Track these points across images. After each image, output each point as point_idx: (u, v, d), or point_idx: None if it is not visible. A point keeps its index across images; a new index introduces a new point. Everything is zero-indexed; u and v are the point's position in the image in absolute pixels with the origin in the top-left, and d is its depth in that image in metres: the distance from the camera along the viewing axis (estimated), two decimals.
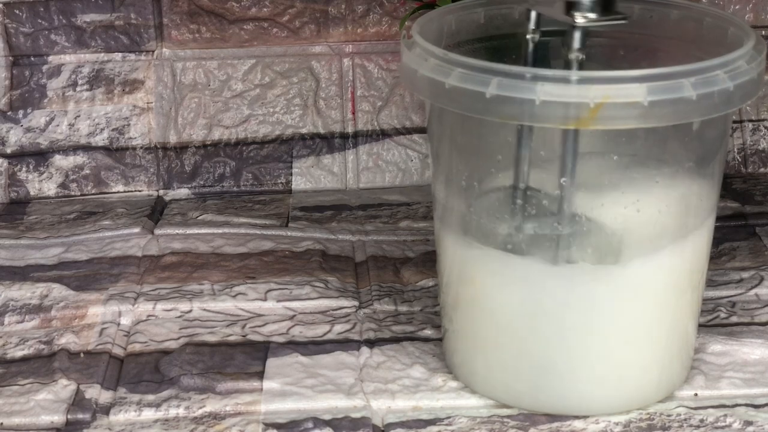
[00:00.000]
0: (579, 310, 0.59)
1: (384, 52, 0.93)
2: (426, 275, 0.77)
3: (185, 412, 0.63)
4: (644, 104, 0.53)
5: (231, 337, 0.70)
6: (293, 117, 0.93)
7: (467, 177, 0.60)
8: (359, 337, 0.69)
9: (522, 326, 0.60)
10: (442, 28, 0.63)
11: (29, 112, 0.92)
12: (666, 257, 0.59)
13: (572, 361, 0.60)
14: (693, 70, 0.54)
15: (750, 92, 0.56)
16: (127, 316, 0.73)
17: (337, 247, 0.82)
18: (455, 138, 0.60)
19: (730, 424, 0.60)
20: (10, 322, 0.72)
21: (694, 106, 0.54)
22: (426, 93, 0.58)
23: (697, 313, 0.63)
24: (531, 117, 0.54)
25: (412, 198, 0.90)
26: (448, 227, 0.62)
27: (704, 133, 0.58)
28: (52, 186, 0.92)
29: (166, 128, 0.92)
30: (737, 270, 0.77)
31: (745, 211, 0.86)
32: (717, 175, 0.60)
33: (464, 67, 0.56)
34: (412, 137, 0.93)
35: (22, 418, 0.62)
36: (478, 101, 0.55)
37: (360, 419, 0.62)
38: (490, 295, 0.60)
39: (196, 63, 0.92)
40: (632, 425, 0.60)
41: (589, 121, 0.53)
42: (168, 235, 0.84)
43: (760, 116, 0.94)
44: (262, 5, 0.92)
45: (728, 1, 0.93)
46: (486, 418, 0.62)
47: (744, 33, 0.60)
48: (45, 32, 0.91)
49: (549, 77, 0.54)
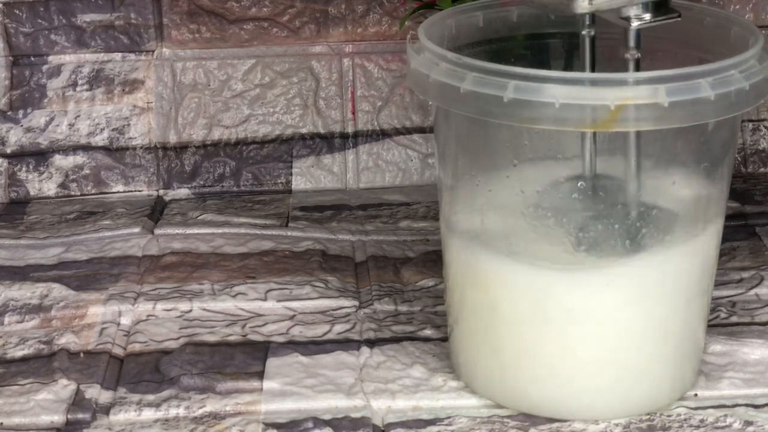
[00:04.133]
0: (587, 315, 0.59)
1: (384, 52, 0.93)
2: (426, 275, 0.77)
3: (185, 412, 0.63)
4: (664, 105, 0.53)
5: (231, 337, 0.70)
6: (293, 117, 0.93)
7: (474, 177, 0.60)
8: (359, 337, 0.69)
9: (529, 330, 0.60)
10: (443, 32, 0.63)
11: (29, 112, 0.92)
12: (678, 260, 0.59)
13: (579, 367, 0.60)
14: (710, 71, 0.54)
15: (763, 91, 0.56)
16: (127, 316, 0.73)
17: (337, 247, 0.82)
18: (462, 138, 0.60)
19: (730, 425, 0.60)
20: (10, 322, 0.72)
21: (712, 107, 0.54)
22: (438, 98, 0.57)
23: (706, 319, 0.63)
24: (550, 120, 0.54)
25: (412, 198, 0.90)
26: (454, 229, 0.62)
27: (717, 134, 0.58)
28: (52, 186, 0.92)
29: (166, 128, 0.92)
30: (737, 270, 0.77)
31: (745, 211, 0.86)
32: (726, 177, 0.60)
33: (479, 71, 0.55)
34: (412, 137, 0.93)
35: (22, 418, 0.62)
36: (495, 105, 0.54)
37: (360, 419, 0.62)
38: (496, 297, 0.60)
39: (196, 63, 0.92)
40: (632, 426, 0.60)
41: (610, 124, 0.53)
42: (168, 235, 0.84)
43: (760, 116, 0.94)
44: (262, 5, 0.92)
45: (728, 1, 0.93)
46: (486, 418, 0.61)
47: (749, 32, 0.60)
48: (45, 32, 0.91)
49: (568, 80, 0.53)
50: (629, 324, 0.59)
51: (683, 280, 0.60)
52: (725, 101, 0.54)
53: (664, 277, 0.59)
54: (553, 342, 0.59)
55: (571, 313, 0.59)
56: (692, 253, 0.59)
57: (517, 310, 0.60)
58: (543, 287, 0.59)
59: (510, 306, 0.60)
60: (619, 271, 0.58)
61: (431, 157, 0.93)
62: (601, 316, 0.59)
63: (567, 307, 0.59)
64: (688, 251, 0.59)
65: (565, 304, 0.58)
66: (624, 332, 0.60)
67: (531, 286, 0.59)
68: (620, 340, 0.60)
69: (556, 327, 0.59)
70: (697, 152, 0.58)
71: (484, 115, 0.55)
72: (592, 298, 0.58)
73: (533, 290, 0.59)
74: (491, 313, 0.61)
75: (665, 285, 0.59)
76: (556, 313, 0.59)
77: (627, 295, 0.59)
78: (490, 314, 0.61)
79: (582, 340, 0.59)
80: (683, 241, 0.59)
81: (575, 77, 0.54)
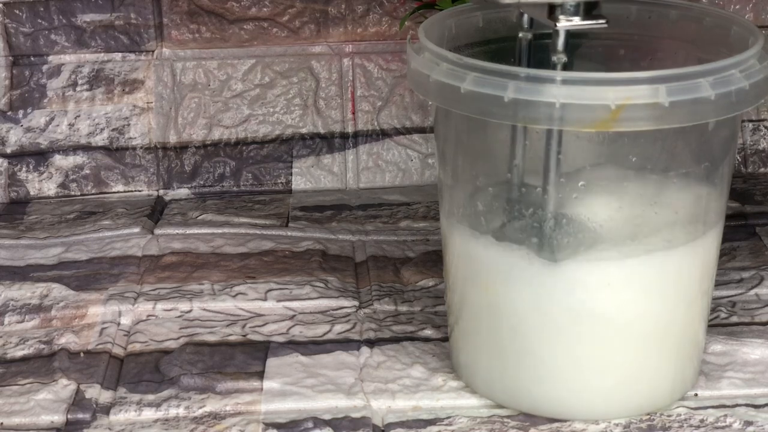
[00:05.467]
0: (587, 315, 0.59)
1: (384, 52, 0.93)
2: (426, 275, 0.77)
3: (185, 411, 0.63)
4: (665, 105, 0.53)
5: (231, 337, 0.70)
6: (293, 117, 0.93)
7: (474, 176, 0.60)
8: (359, 337, 0.69)
9: (529, 330, 0.60)
10: (443, 33, 0.63)
11: (29, 112, 0.92)
12: (679, 261, 0.59)
13: (581, 368, 0.60)
14: (710, 70, 0.54)
15: (763, 91, 0.56)
16: (127, 315, 0.73)
17: (337, 247, 0.82)
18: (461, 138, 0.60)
19: (731, 425, 0.60)
20: (10, 321, 0.72)
21: (712, 106, 0.54)
22: (438, 98, 0.57)
23: (707, 319, 0.63)
24: (551, 120, 0.54)
25: (412, 198, 0.90)
26: (455, 227, 0.62)
27: (718, 134, 0.58)
28: (52, 186, 0.92)
29: (166, 128, 0.92)
30: (737, 270, 0.77)
31: (745, 211, 0.86)
32: (727, 177, 0.60)
33: (480, 71, 0.55)
34: (412, 137, 0.93)
35: (22, 418, 0.62)
36: (495, 105, 0.54)
37: (360, 419, 0.62)
38: (496, 297, 0.60)
39: (196, 63, 0.92)
40: (632, 426, 0.60)
41: (611, 123, 0.53)
42: (168, 235, 0.84)
43: (760, 116, 0.94)
44: (262, 5, 0.92)
45: (728, 1, 0.93)
46: (486, 418, 0.62)
47: (749, 32, 0.60)
48: (45, 32, 0.91)
49: (568, 80, 0.53)
50: (629, 324, 0.59)
51: (684, 279, 0.60)
52: (726, 101, 0.54)
53: (664, 277, 0.59)
54: (554, 342, 0.59)
55: (571, 313, 0.59)
56: (692, 253, 0.59)
57: (518, 310, 0.60)
58: (543, 287, 0.59)
59: (510, 306, 0.60)
60: (619, 272, 0.58)
61: (431, 157, 0.93)
62: (601, 316, 0.59)
63: (567, 307, 0.59)
64: (688, 251, 0.59)
65: (565, 304, 0.58)
66: (624, 332, 0.60)
67: (531, 286, 0.59)
68: (620, 340, 0.60)
69: (556, 327, 0.59)
70: (697, 152, 0.58)
71: (485, 115, 0.55)
72: (592, 298, 0.58)
73: (533, 290, 0.59)
74: (491, 313, 0.61)
75: (666, 285, 0.59)
76: (556, 313, 0.59)
77: (627, 295, 0.59)
78: (490, 314, 0.61)
79: (582, 340, 0.59)
80: (683, 241, 0.59)
81: (576, 77, 0.54)
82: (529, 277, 0.59)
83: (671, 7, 0.65)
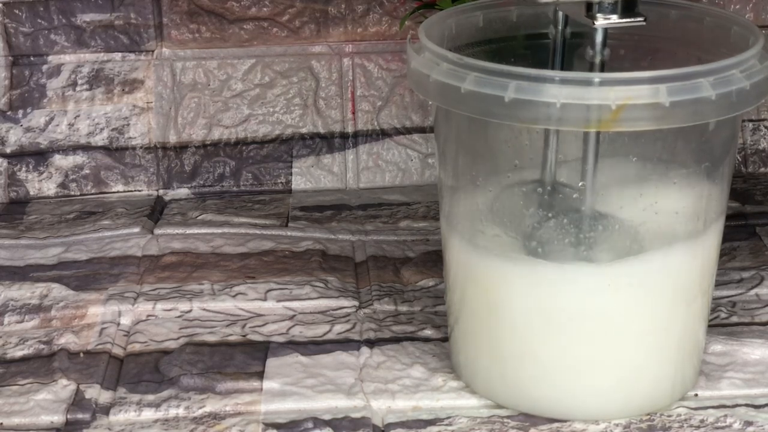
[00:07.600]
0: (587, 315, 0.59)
1: (384, 52, 0.93)
2: (426, 275, 0.77)
3: (185, 412, 0.63)
4: (665, 105, 0.53)
5: (231, 337, 0.70)
6: (293, 117, 0.93)
7: (474, 178, 0.60)
8: (359, 337, 0.69)
9: (529, 330, 0.60)
10: (444, 32, 0.63)
11: (29, 112, 0.92)
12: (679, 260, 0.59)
13: (579, 367, 0.60)
14: (710, 70, 0.54)
15: (764, 91, 0.56)
16: (127, 316, 0.72)
17: (337, 247, 0.82)
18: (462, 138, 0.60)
19: (731, 425, 0.60)
20: (9, 322, 0.72)
21: (713, 106, 0.54)
22: (439, 98, 0.57)
23: (707, 319, 0.63)
24: (551, 120, 0.54)
25: (412, 198, 0.90)
26: (455, 229, 0.62)
27: (718, 134, 0.58)
28: (51, 186, 0.92)
29: (165, 128, 0.92)
30: (737, 270, 0.77)
31: (745, 211, 0.86)
32: (727, 177, 0.60)
33: (480, 71, 0.55)
34: (412, 137, 0.93)
35: (22, 418, 0.62)
36: (496, 105, 0.54)
37: (360, 419, 0.62)
38: (496, 297, 0.60)
39: (196, 63, 0.92)
40: (632, 426, 0.60)
41: (611, 124, 0.53)
42: (168, 235, 0.84)
43: (760, 116, 0.94)
44: (262, 5, 0.92)
45: (728, 1, 0.93)
46: (486, 418, 0.61)
47: (749, 32, 0.60)
48: (45, 32, 0.91)
49: (569, 80, 0.53)
50: (629, 324, 0.59)
51: (684, 279, 0.60)
52: (726, 101, 0.54)
53: (664, 277, 0.59)
54: (553, 342, 0.59)
55: (571, 313, 0.59)
56: (693, 253, 0.59)
57: (517, 310, 0.60)
58: (543, 287, 0.58)
59: (510, 306, 0.60)
60: (619, 271, 0.58)
61: (431, 157, 0.93)
62: (601, 316, 0.59)
63: (567, 307, 0.59)
64: (688, 251, 0.59)
65: (565, 304, 0.58)
66: (624, 332, 0.60)
67: (531, 286, 0.59)
68: (620, 340, 0.60)
69: (556, 327, 0.59)
70: (697, 152, 0.58)
71: (485, 115, 0.55)
72: (592, 298, 0.58)
73: (533, 290, 0.59)
74: (491, 313, 0.61)
75: (666, 285, 0.59)
76: (556, 313, 0.59)
77: (627, 294, 0.59)
78: (490, 314, 0.61)
79: (582, 340, 0.59)
80: (684, 241, 0.59)
81: (576, 77, 0.54)
82: (529, 277, 0.59)
83: (671, 7, 0.65)
